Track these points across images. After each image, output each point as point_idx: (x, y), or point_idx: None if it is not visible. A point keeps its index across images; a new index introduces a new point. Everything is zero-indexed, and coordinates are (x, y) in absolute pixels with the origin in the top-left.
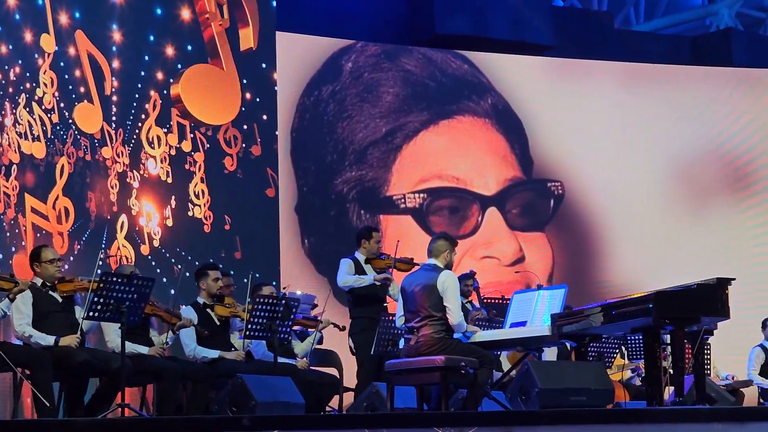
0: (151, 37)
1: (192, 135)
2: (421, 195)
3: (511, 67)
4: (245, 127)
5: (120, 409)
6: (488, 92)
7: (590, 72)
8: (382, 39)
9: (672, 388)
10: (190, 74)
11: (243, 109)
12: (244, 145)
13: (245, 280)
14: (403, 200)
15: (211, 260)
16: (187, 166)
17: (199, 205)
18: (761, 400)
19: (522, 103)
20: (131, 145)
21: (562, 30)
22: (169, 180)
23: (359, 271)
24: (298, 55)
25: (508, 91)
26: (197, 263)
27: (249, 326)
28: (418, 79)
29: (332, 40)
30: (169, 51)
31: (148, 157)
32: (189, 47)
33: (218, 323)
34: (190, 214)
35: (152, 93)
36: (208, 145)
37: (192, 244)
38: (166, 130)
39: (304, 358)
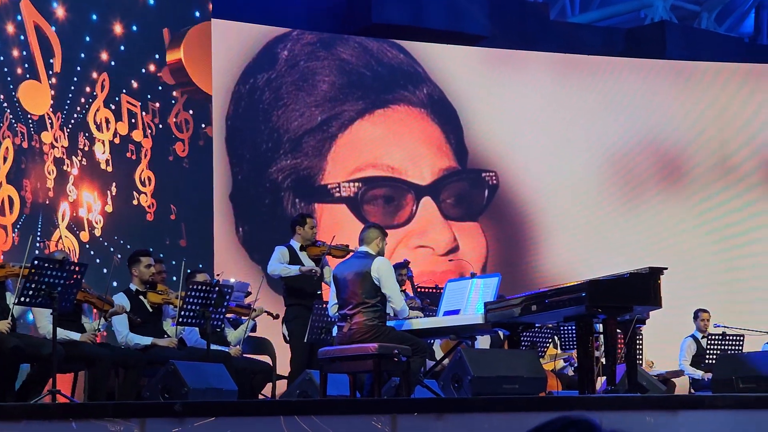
0: (94, 17)
1: (143, 120)
2: (356, 184)
3: (446, 57)
4: (191, 111)
5: (51, 395)
6: (424, 82)
7: (526, 63)
8: (318, 28)
9: (604, 378)
10: (194, 36)
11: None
12: (194, 128)
13: (189, 270)
14: (337, 189)
15: (150, 248)
16: (128, 154)
17: (145, 193)
18: (692, 390)
19: (457, 93)
20: (69, 128)
21: (499, 20)
22: (109, 168)
23: (294, 258)
24: (233, 43)
25: (443, 81)
26: None
27: (182, 313)
28: (354, 68)
29: (268, 28)
30: (117, 29)
31: (96, 142)
32: (134, 27)
33: (151, 310)
34: (134, 202)
35: (95, 74)
36: (155, 132)
37: (134, 233)
38: (113, 112)
39: (237, 346)
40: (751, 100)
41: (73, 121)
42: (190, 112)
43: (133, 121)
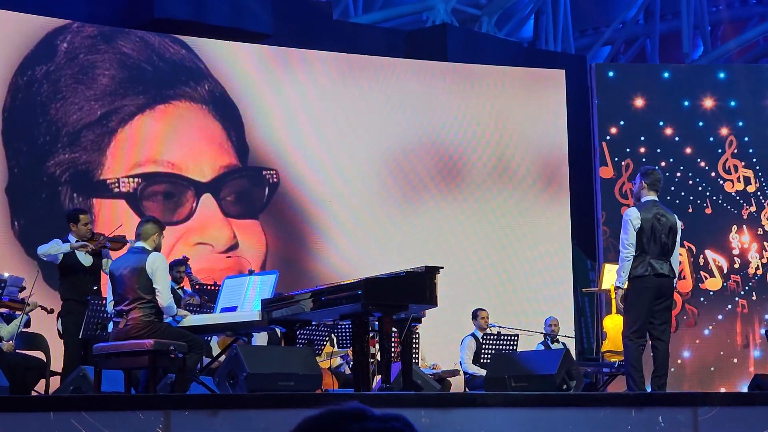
0: None
1: None
2: (136, 180)
3: (229, 54)
4: None
5: None
6: (206, 78)
7: (308, 62)
8: (99, 20)
9: (380, 376)
10: None
11: None
12: None
13: None
14: (116, 184)
15: None
16: None
17: None
18: (467, 389)
19: (239, 90)
20: None
21: (282, 19)
22: None
23: (71, 252)
24: (11, 34)
25: (225, 78)
26: None
27: None
28: (135, 63)
29: (47, 19)
30: None
31: None
32: None
33: None
34: None
35: None
36: None
37: None
38: None
39: (10, 341)
40: (530, 103)
41: None
42: None
43: None
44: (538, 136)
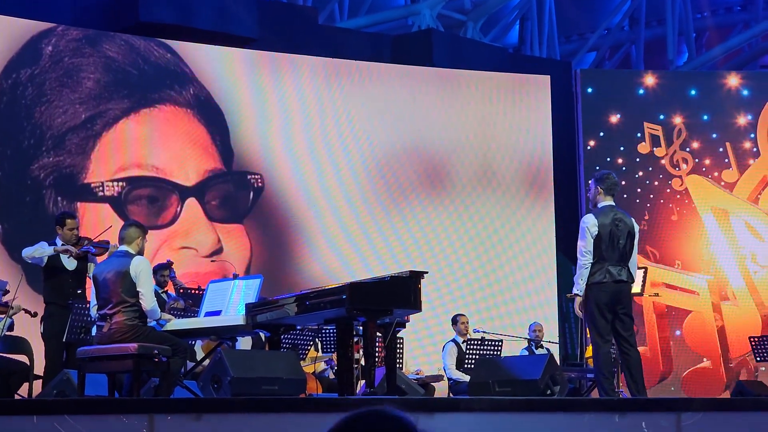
0: None
1: None
2: (120, 183)
3: (214, 58)
4: None
5: None
6: (191, 82)
7: (293, 66)
8: (84, 24)
9: (364, 381)
10: None
11: None
12: None
13: None
14: (101, 188)
15: None
16: None
17: None
18: (451, 394)
19: (224, 94)
20: None
21: (267, 23)
22: None
23: (56, 255)
24: None
25: (210, 82)
26: None
27: None
28: (120, 66)
29: (32, 23)
30: None
31: None
32: None
33: None
34: None
35: None
36: None
37: None
38: None
39: None
40: (514, 109)
41: None
42: None
43: None
44: (523, 142)
